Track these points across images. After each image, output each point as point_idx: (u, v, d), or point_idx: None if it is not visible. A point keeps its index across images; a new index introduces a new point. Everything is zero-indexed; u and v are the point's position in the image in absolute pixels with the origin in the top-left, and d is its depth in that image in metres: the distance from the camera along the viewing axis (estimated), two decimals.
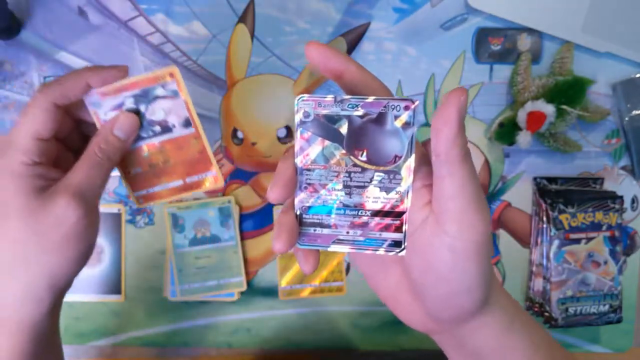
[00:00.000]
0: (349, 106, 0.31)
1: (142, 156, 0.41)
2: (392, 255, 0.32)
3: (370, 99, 0.30)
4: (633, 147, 0.57)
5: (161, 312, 0.59)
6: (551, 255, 0.55)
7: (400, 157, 0.30)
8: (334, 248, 0.32)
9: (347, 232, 0.33)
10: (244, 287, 0.58)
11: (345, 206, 0.32)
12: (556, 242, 0.55)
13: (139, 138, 0.40)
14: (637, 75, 0.57)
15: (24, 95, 0.57)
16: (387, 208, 0.32)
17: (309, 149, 0.31)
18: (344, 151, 0.31)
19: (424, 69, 0.57)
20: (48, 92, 0.35)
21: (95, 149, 0.37)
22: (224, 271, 0.58)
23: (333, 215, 0.32)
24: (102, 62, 0.57)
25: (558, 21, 0.56)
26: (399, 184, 0.31)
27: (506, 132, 0.55)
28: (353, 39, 0.57)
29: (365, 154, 0.31)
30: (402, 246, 0.32)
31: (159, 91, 0.39)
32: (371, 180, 0.31)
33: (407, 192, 0.31)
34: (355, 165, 0.31)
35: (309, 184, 0.32)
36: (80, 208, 0.35)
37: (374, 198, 0.32)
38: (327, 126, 0.31)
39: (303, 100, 0.30)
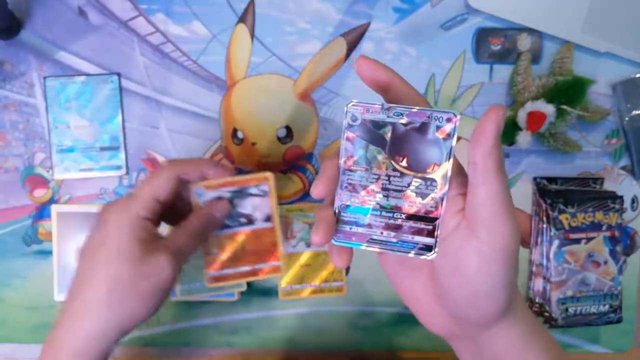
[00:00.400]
0: (395, 114, 0.32)
1: (223, 241, 0.49)
2: (422, 258, 0.33)
3: (415, 109, 0.31)
4: (633, 147, 0.57)
5: (162, 312, 0.59)
6: (551, 255, 0.55)
7: (439, 166, 0.32)
8: (367, 247, 0.34)
9: (381, 233, 0.34)
10: (244, 287, 0.58)
11: (382, 208, 0.34)
12: (556, 242, 0.55)
13: (224, 226, 0.48)
14: (637, 75, 0.57)
15: (23, 95, 0.57)
16: (421, 213, 0.33)
17: (353, 151, 0.33)
18: (385, 156, 0.33)
19: (424, 69, 0.57)
20: (175, 165, 0.44)
21: (196, 222, 0.45)
22: None
23: (369, 216, 0.34)
24: (102, 62, 0.57)
25: (558, 21, 0.56)
26: (434, 190, 0.33)
27: (506, 132, 0.55)
28: (353, 39, 0.57)
29: (405, 160, 0.33)
30: (433, 251, 0.33)
31: (253, 190, 0.48)
32: (409, 185, 0.33)
33: (442, 199, 0.32)
34: (395, 169, 0.33)
35: (350, 184, 0.34)
36: (175, 266, 0.41)
37: (410, 202, 0.33)
38: (372, 131, 0.33)
39: (352, 105, 0.32)
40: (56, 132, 0.57)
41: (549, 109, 0.53)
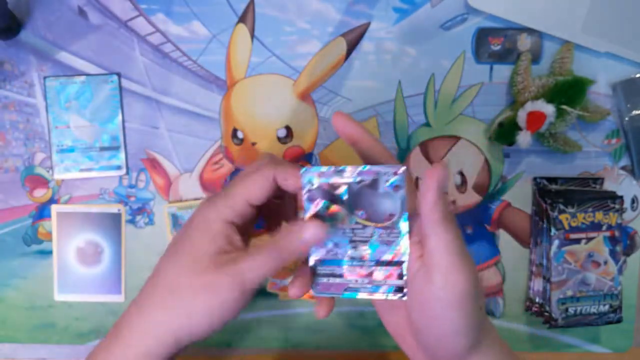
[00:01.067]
0: (346, 175, 0.36)
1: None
2: (397, 299, 0.36)
3: (365, 168, 0.34)
4: (633, 147, 0.57)
5: None
6: (551, 255, 0.55)
7: (394, 215, 0.35)
8: (345, 295, 0.38)
9: (356, 281, 0.37)
10: None
11: (353, 258, 0.37)
12: (556, 242, 0.55)
13: None
14: (637, 76, 0.57)
15: (23, 95, 0.57)
16: (388, 259, 0.36)
17: (318, 210, 0.36)
18: (346, 212, 0.36)
19: (424, 69, 0.58)
20: (275, 166, 0.37)
21: (280, 248, 0.37)
22: None
23: (344, 267, 0.37)
24: (101, 62, 0.57)
25: (558, 21, 0.56)
26: (397, 237, 0.36)
27: (506, 132, 0.55)
28: (353, 39, 0.57)
29: (364, 213, 0.36)
30: (404, 291, 0.36)
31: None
32: (372, 235, 0.36)
33: (404, 244, 0.35)
34: (357, 223, 0.36)
35: None
36: (239, 291, 0.36)
37: (378, 251, 0.36)
38: (330, 192, 0.36)
39: (305, 171, 0.35)
40: (56, 132, 0.57)
41: (548, 109, 0.53)
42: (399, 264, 0.36)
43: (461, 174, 0.58)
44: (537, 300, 0.58)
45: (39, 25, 0.56)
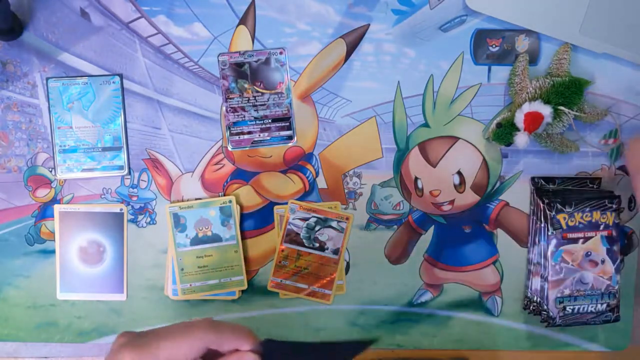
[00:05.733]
0: (248, 56, 0.54)
1: (295, 257, 0.58)
2: (289, 145, 0.54)
3: (258, 50, 0.52)
4: None
5: (163, 311, 0.59)
6: (549, 254, 0.56)
7: (282, 83, 0.53)
8: (253, 146, 0.54)
9: (259, 135, 0.53)
10: (245, 286, 0.59)
11: (255, 118, 0.53)
12: (554, 242, 0.56)
13: (302, 244, 0.58)
14: None
15: (26, 95, 0.58)
16: (280, 116, 0.53)
17: (229, 85, 0.52)
18: (249, 83, 0.52)
19: (423, 70, 0.58)
20: (208, 335, 0.38)
21: None
22: (225, 270, 0.58)
23: (249, 125, 0.53)
24: (104, 63, 0.57)
25: (556, 23, 0.56)
26: (284, 99, 0.53)
27: (504, 132, 0.56)
28: (353, 41, 0.57)
29: (262, 84, 0.53)
30: (294, 139, 0.55)
31: (334, 223, 0.58)
32: (268, 100, 0.53)
33: (290, 104, 0.52)
34: (257, 91, 0.53)
35: (232, 107, 0.54)
36: None
37: (271, 111, 0.53)
38: (237, 69, 0.53)
39: (221, 55, 0.53)
40: (59, 133, 0.58)
41: (546, 109, 0.54)
42: (287, 119, 0.53)
43: (459, 174, 0.59)
44: (535, 299, 0.58)
45: (41, 27, 0.57)
